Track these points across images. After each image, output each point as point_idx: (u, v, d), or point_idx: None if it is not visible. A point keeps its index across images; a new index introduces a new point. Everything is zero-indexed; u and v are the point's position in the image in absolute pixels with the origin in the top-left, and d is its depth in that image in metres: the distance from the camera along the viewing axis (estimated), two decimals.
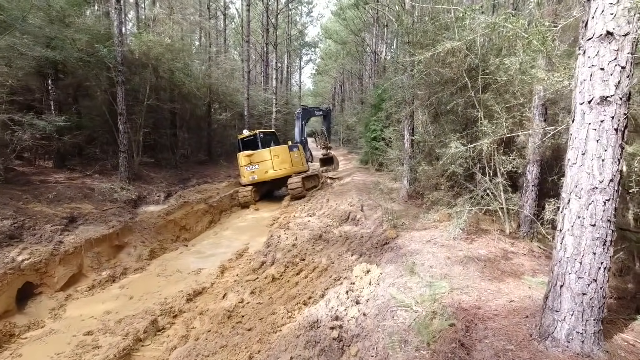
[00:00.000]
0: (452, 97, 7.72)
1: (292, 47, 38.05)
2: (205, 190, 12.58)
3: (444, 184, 8.48)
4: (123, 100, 10.22)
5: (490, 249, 5.90)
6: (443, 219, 7.41)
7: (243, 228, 10.88)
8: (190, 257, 8.53)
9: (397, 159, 11.55)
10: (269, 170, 13.29)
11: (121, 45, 9.89)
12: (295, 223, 9.20)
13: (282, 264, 6.43)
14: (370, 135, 18.95)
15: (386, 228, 7.41)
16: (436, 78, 7.45)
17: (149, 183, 11.88)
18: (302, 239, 7.78)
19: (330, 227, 8.51)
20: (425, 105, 10.54)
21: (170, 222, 9.53)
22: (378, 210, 9.59)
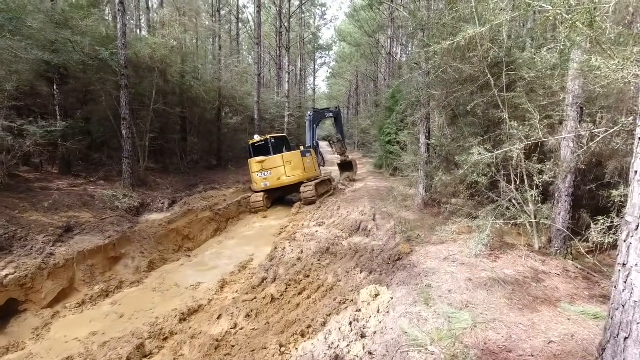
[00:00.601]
0: (472, 96, 7.03)
1: (305, 49, 37.70)
2: (211, 196, 12.17)
3: (462, 192, 7.77)
4: (126, 104, 9.93)
5: (518, 267, 5.18)
6: (462, 231, 6.71)
7: (249, 237, 10.38)
8: (191, 269, 8.07)
9: (412, 164, 10.85)
10: (281, 176, 12.87)
11: (124, 48, 9.60)
12: (302, 233, 8.64)
13: (284, 281, 5.87)
14: (385, 138, 18.27)
15: (399, 241, 6.76)
16: (454, 75, 6.77)
17: (153, 189, 11.56)
18: (307, 252, 7.20)
19: (338, 238, 7.90)
20: (441, 107, 9.84)
21: (171, 231, 9.12)
22: (391, 219, 8.94)
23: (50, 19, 8.73)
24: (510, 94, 5.56)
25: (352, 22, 31.58)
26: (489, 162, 5.09)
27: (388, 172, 18.37)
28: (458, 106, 9.10)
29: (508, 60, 5.86)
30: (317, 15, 37.76)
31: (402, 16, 24.74)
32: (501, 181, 6.34)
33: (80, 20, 9.33)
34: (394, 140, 15.74)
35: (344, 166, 18.04)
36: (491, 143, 6.11)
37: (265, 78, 42.23)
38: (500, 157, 5.53)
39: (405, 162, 10.77)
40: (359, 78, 46.01)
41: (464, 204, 7.09)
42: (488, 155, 4.74)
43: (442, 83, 7.81)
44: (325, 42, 42.04)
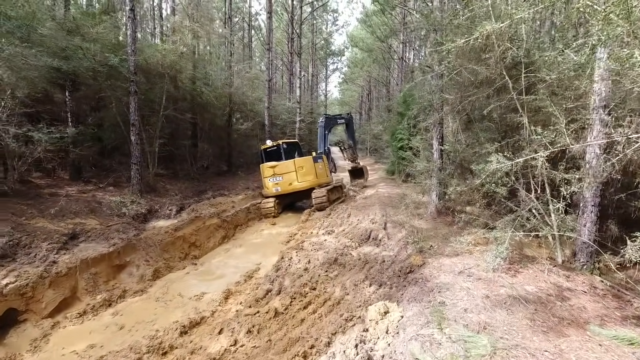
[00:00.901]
0: (488, 100, 6.68)
1: (317, 55, 37.71)
2: (220, 203, 12.02)
3: (479, 200, 7.39)
4: (136, 111, 9.90)
5: (540, 284, 4.79)
6: (478, 242, 6.34)
7: (257, 245, 10.17)
8: (196, 278, 7.88)
9: (425, 171, 10.49)
10: (293, 182, 12.76)
11: (134, 55, 9.59)
12: (311, 242, 8.37)
13: (289, 295, 5.60)
14: (397, 144, 17.91)
15: (411, 252, 6.42)
16: (469, 78, 6.45)
17: (162, 196, 11.49)
18: (315, 263, 6.92)
19: (348, 248, 7.60)
20: (455, 111, 9.49)
21: (178, 238, 8.97)
22: (403, 228, 8.59)
23: (62, 26, 8.79)
24: (531, 97, 5.20)
25: (364, 28, 31.44)
26: (508, 170, 4.73)
27: (400, 178, 17.97)
28: (473, 111, 8.75)
29: (527, 62, 5.52)
30: (329, 21, 37.79)
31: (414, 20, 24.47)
32: (520, 190, 5.96)
33: (91, 27, 9.39)
34: (407, 146, 15.38)
35: (355, 173, 17.82)
36: (509, 150, 5.75)
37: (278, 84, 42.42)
38: (520, 165, 5.17)
39: (418, 168, 10.42)
40: (372, 84, 45.74)
41: (480, 214, 6.72)
42: (508, 163, 4.39)
43: (457, 87, 7.50)
44: (337, 48, 41.98)
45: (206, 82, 15.26)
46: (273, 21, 37.60)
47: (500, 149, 5.61)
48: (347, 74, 51.45)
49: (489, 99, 6.89)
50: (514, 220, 5.52)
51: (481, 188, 5.54)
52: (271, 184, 12.86)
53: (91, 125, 10.85)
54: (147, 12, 25.24)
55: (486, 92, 6.67)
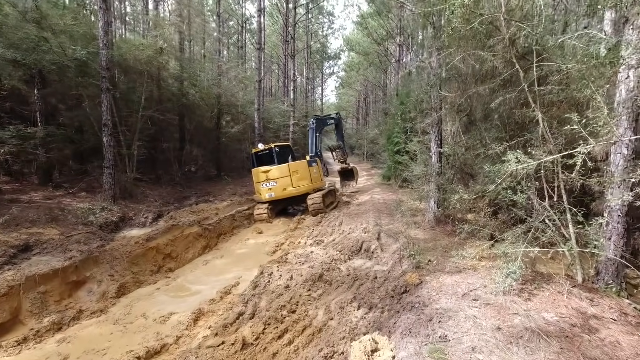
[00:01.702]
0: (493, 96, 5.93)
1: (312, 59, 37.10)
2: (202, 210, 11.18)
3: (484, 209, 6.60)
4: (108, 110, 9.08)
5: (560, 309, 3.99)
6: (483, 255, 5.55)
7: (240, 256, 9.32)
8: (167, 294, 7.03)
9: (422, 175, 9.72)
10: (287, 187, 12.12)
11: (106, 48, 8.80)
12: (296, 255, 7.54)
13: (263, 319, 4.77)
14: (393, 148, 17.19)
15: (407, 268, 5.62)
16: (473, 67, 5.70)
17: (140, 202, 10.64)
18: (298, 279, 6.09)
19: (336, 261, 6.78)
20: (455, 111, 8.75)
21: (150, 249, 8.12)
22: (398, 238, 7.79)
23: (25, 16, 8.02)
24: (547, 88, 4.44)
25: (361, 30, 30.87)
26: (528, 172, 3.94)
27: (397, 183, 17.22)
28: (474, 110, 8.02)
29: (539, 49, 4.77)
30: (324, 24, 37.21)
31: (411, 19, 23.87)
32: (532, 197, 5.18)
33: (59, 18, 8.61)
34: (403, 149, 14.64)
35: (345, 174, 17.17)
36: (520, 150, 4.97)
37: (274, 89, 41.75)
38: (533, 168, 4.39)
39: (414, 173, 9.65)
40: (369, 88, 45.18)
41: (485, 224, 5.93)
42: (532, 163, 3.59)
43: (457, 81, 6.76)
44: (333, 52, 41.38)
45: (193, 82, 14.49)
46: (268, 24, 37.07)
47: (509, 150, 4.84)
48: (344, 78, 50.94)
49: (494, 93, 6.14)
50: (526, 232, 4.73)
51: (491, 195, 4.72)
52: (264, 189, 12.17)
53: (62, 126, 10.02)
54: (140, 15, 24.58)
55: (491, 85, 5.91)
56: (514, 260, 4.30)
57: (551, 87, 4.41)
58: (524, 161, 3.56)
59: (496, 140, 5.36)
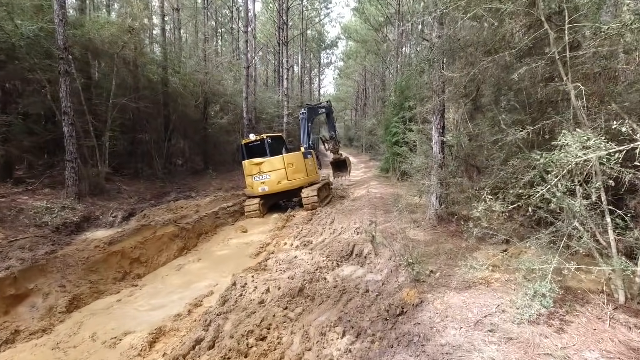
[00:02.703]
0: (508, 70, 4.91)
1: (308, 47, 35.81)
2: (181, 207, 10.20)
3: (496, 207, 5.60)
4: (67, 96, 8.04)
5: (605, 345, 3.03)
6: (495, 263, 4.58)
7: (220, 259, 8.37)
8: (128, 307, 6.08)
9: (422, 168, 8.73)
10: (282, 180, 11.32)
11: (63, 25, 7.73)
12: (277, 260, 6.57)
13: (224, 351, 3.81)
14: (391, 139, 16.15)
15: (404, 281, 4.65)
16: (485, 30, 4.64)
17: (111, 199, 9.67)
18: (274, 293, 5.13)
19: (322, 270, 5.82)
20: (460, 95, 7.73)
21: (113, 254, 7.15)
22: (395, 240, 6.82)
23: None
24: (583, 55, 3.40)
25: (358, 15, 29.59)
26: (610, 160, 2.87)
27: (395, 176, 16.23)
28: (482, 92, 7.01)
29: (571, 7, 3.73)
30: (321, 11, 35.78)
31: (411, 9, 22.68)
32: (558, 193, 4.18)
33: None
34: (402, 140, 13.62)
35: (337, 165, 16.25)
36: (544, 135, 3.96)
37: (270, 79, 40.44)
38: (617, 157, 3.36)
39: (414, 165, 8.65)
40: (367, 78, 43.99)
41: (499, 227, 4.94)
42: (619, 149, 2.53)
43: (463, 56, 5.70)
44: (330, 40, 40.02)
45: (176, 68, 13.41)
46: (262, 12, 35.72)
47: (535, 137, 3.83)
48: (342, 69, 49.69)
49: (508, 69, 5.11)
50: (554, 242, 3.75)
51: (534, 201, 3.67)
52: (257, 182, 11.34)
53: (22, 115, 8.99)
54: None
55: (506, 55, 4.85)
56: (541, 279, 3.32)
57: (587, 54, 3.38)
58: (600, 146, 2.52)
59: (514, 125, 4.35)
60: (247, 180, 11.61)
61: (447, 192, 7.62)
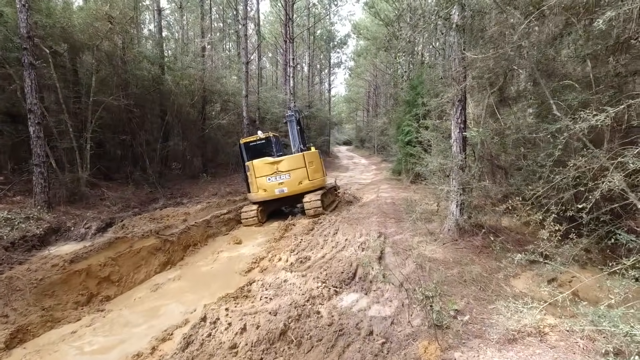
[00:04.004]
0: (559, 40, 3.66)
1: (317, 45, 34.72)
2: (167, 216, 9.17)
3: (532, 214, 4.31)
4: (33, 92, 7.10)
5: None
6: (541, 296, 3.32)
7: (204, 277, 7.27)
8: (83, 341, 5.02)
9: (438, 170, 7.47)
10: (303, 180, 10.36)
11: (26, 11, 6.80)
12: (264, 284, 5.41)
13: None
14: (404, 138, 14.91)
15: (419, 325, 3.43)
16: None
17: (90, 207, 8.70)
18: (252, 333, 3.97)
19: (316, 299, 4.64)
20: (487, 82, 6.47)
21: (76, 273, 6.12)
22: (409, 259, 5.61)
23: None
24: None
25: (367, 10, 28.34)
26: None
27: (408, 179, 14.97)
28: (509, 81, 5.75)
29: None
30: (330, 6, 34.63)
31: None
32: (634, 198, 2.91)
33: None
34: (415, 139, 12.33)
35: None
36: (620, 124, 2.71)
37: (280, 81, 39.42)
38: None
39: (429, 167, 7.40)
40: (378, 78, 42.65)
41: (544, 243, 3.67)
42: None
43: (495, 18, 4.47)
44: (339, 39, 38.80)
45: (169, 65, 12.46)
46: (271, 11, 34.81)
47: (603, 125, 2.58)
48: (353, 68, 48.46)
49: (555, 41, 3.85)
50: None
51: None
52: (271, 184, 10.26)
53: None
54: None
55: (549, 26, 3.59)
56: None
57: None
58: None
59: (579, 109, 3.09)
60: (256, 182, 10.39)
61: (470, 199, 6.36)
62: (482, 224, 6.02)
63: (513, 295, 3.65)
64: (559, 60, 4.62)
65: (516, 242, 5.65)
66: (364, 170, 25.42)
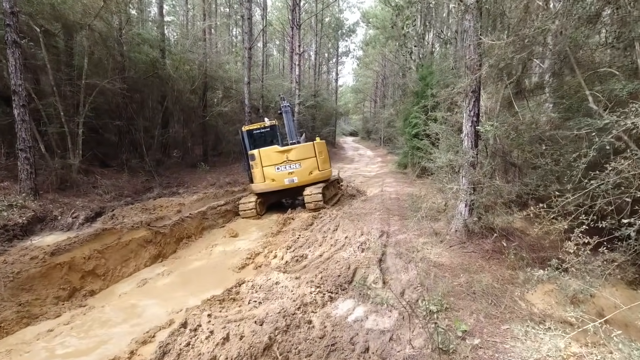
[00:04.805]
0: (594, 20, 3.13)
1: (324, 32, 33.84)
2: (160, 206, 8.80)
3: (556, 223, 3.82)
4: (18, 72, 6.67)
5: None
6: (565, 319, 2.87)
7: (196, 272, 6.92)
8: (58, 341, 4.68)
9: (447, 166, 6.95)
10: (314, 170, 10.07)
11: None
12: (254, 286, 5.02)
13: None
14: (411, 130, 14.37)
15: (422, 347, 3.00)
16: None
17: (81, 195, 8.35)
18: (234, 344, 3.58)
19: (308, 306, 4.23)
20: (505, 72, 5.95)
21: (57, 266, 5.78)
22: (412, 262, 5.17)
23: None
24: None
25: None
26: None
27: (414, 173, 14.44)
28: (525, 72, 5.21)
29: None
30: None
31: None
32: None
33: None
34: (423, 132, 11.78)
35: None
36: None
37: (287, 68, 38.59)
38: None
39: (437, 163, 6.90)
40: (387, 69, 41.71)
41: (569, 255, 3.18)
42: None
43: None
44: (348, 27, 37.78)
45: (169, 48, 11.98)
46: None
47: None
48: (361, 58, 47.47)
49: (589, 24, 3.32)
50: None
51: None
52: (280, 173, 9.90)
53: None
54: None
55: None
56: None
57: None
58: None
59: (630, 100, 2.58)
60: (262, 172, 9.88)
61: (481, 199, 5.87)
62: (494, 228, 5.53)
63: (530, 315, 3.20)
64: (589, 46, 4.08)
65: (530, 247, 5.18)
66: (369, 162, 24.89)
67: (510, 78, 5.86)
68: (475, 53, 5.76)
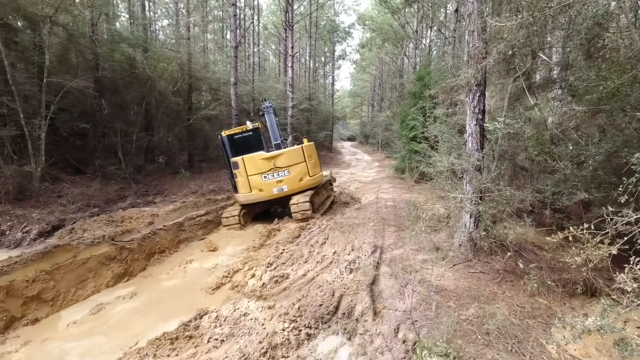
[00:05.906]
0: None
1: (319, 35, 33.17)
2: (129, 218, 7.94)
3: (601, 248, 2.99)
4: None
5: None
6: None
7: (164, 295, 6.05)
8: None
9: (449, 171, 6.11)
10: (304, 176, 9.19)
11: None
12: (218, 318, 4.16)
13: None
14: (408, 133, 13.58)
15: None
16: None
17: (40, 206, 7.49)
18: None
19: (277, 349, 3.37)
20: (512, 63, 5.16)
21: None
22: (408, 285, 4.33)
23: None
24: None
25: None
26: None
27: (412, 178, 13.60)
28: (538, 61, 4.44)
29: None
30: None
31: None
32: None
33: None
34: (421, 135, 10.98)
35: None
36: None
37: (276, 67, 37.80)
38: None
39: (438, 168, 6.06)
40: (384, 72, 41.10)
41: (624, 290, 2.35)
42: None
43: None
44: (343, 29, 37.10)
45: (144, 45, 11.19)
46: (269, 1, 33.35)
47: None
48: (358, 61, 46.90)
49: None
50: None
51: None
52: (268, 182, 8.96)
53: None
54: None
55: None
56: None
57: None
58: None
59: None
60: (246, 182, 8.98)
61: (490, 210, 5.03)
62: (506, 243, 4.69)
63: None
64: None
65: (550, 268, 4.33)
66: (366, 167, 24.12)
67: (519, 70, 5.06)
68: (479, 40, 4.97)
